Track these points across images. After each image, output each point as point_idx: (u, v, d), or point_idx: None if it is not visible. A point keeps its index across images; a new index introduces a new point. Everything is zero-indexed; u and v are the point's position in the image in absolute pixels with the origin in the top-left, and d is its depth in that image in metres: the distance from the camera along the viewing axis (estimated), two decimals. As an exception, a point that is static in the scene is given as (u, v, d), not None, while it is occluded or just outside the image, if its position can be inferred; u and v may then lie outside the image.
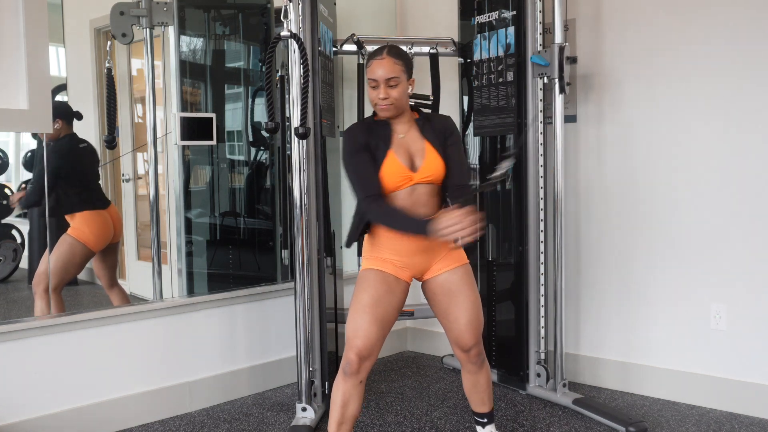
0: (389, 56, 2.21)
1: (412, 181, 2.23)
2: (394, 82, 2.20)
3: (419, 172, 2.23)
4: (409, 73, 2.26)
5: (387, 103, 2.21)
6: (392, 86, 2.20)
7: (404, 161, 2.24)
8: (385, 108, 2.22)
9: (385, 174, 2.23)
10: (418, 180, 2.23)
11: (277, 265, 3.63)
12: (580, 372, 3.47)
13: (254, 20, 3.63)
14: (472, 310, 2.28)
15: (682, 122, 3.11)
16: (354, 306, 2.25)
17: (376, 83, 2.21)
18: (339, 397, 2.21)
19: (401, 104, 2.24)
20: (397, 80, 2.20)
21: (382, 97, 2.21)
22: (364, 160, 2.23)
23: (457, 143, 2.31)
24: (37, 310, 2.94)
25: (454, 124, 2.35)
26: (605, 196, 3.36)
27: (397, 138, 2.27)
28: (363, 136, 2.26)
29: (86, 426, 2.84)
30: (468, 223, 2.00)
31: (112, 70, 3.12)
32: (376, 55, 2.24)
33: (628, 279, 3.30)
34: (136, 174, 3.44)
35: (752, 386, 2.97)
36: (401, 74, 2.21)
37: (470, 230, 2.00)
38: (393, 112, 2.24)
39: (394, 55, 2.22)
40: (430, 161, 2.24)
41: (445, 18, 3.74)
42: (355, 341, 2.19)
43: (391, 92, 2.20)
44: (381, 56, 2.22)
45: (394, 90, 2.20)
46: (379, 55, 2.22)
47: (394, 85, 2.20)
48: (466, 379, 2.42)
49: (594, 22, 3.34)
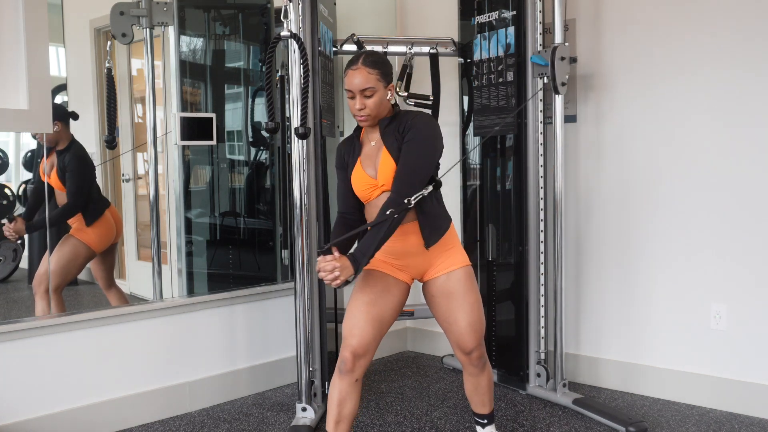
0: (363, 65, 2.16)
1: (378, 188, 2.21)
2: (370, 92, 2.16)
3: (379, 180, 2.21)
4: (387, 79, 2.19)
5: (364, 114, 2.18)
6: (368, 96, 2.16)
7: (370, 170, 2.22)
8: (364, 119, 2.20)
9: (354, 186, 2.26)
10: (381, 188, 2.21)
11: (277, 265, 3.63)
12: (580, 372, 3.47)
13: (254, 20, 3.63)
14: (473, 313, 2.27)
15: (681, 122, 3.11)
16: (350, 305, 2.25)
17: (353, 94, 2.17)
18: (335, 396, 2.22)
19: (380, 112, 2.20)
20: (372, 90, 2.15)
21: (358, 107, 2.17)
22: (340, 178, 2.32)
23: (412, 140, 2.14)
24: (38, 310, 2.94)
25: (424, 119, 2.19)
26: (605, 195, 3.36)
27: (368, 147, 2.26)
28: (344, 149, 2.31)
29: (86, 426, 2.84)
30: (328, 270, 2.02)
31: (112, 70, 3.12)
32: (351, 64, 2.19)
33: (628, 279, 3.30)
34: (136, 174, 3.44)
35: (752, 386, 2.97)
36: (376, 83, 2.16)
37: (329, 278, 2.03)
38: (372, 121, 2.21)
39: (369, 64, 2.16)
40: (383, 167, 2.19)
41: (445, 18, 3.74)
42: (350, 340, 2.20)
43: (367, 102, 2.17)
44: (355, 66, 2.17)
45: (370, 100, 2.16)
46: (354, 65, 2.17)
47: (370, 95, 2.16)
48: (467, 381, 2.41)
49: (594, 22, 3.34)
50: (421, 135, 2.15)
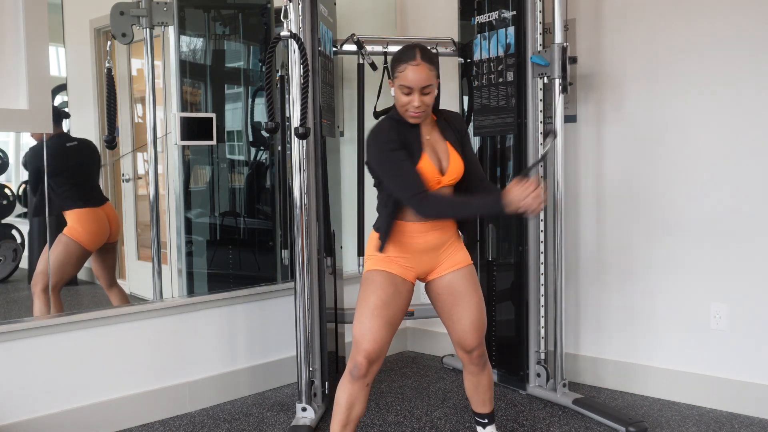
0: (424, 61, 2.10)
1: (440, 183, 2.21)
2: (429, 89, 2.12)
3: (447, 175, 2.22)
4: (438, 76, 2.18)
5: (420, 111, 2.14)
6: (426, 93, 2.12)
7: (435, 164, 2.21)
8: (418, 115, 2.15)
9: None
10: (445, 183, 2.22)
11: (277, 265, 3.63)
12: (580, 372, 3.47)
13: (254, 20, 3.63)
14: (476, 312, 2.27)
15: (682, 121, 3.11)
16: (361, 308, 2.20)
17: (410, 90, 2.11)
18: (345, 399, 2.19)
19: (431, 109, 2.21)
20: (431, 87, 2.12)
21: (416, 105, 2.12)
22: (403, 158, 2.14)
23: (470, 141, 2.35)
24: (36, 310, 2.93)
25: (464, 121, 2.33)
26: (605, 195, 3.36)
27: (425, 140, 2.23)
28: (396, 135, 2.17)
29: (86, 426, 2.84)
30: (538, 192, 2.02)
31: (112, 70, 3.12)
32: (409, 58, 2.10)
33: (627, 279, 3.30)
34: (136, 174, 3.44)
35: (752, 386, 2.97)
36: (435, 80, 2.13)
37: (544, 197, 2.03)
38: (424, 118, 2.19)
39: (428, 60, 2.11)
40: (454, 163, 2.23)
41: (445, 18, 3.74)
42: (364, 344, 2.16)
43: (425, 99, 2.13)
44: (416, 61, 2.09)
45: (428, 97, 2.13)
46: (413, 60, 2.09)
47: (429, 93, 2.12)
48: (468, 380, 2.42)
49: (594, 22, 3.34)
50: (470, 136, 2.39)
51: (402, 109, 2.17)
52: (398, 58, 2.15)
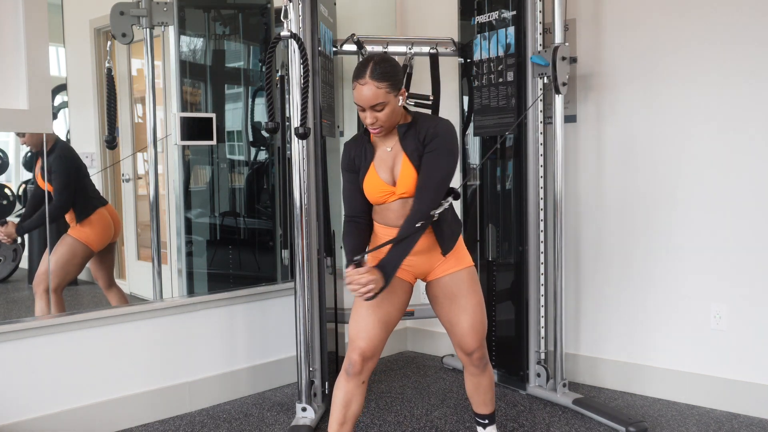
0: (371, 79, 2.07)
1: (394, 194, 2.20)
2: (380, 106, 2.10)
3: (398, 187, 2.19)
4: (397, 87, 2.11)
5: (376, 126, 2.14)
6: (378, 110, 2.11)
7: (385, 176, 2.20)
8: (377, 131, 2.16)
9: (366, 190, 2.23)
10: (400, 194, 2.19)
11: (277, 265, 3.63)
12: (580, 372, 3.47)
13: (254, 20, 3.63)
14: (475, 314, 2.27)
15: (681, 121, 3.11)
16: (357, 307, 2.23)
17: (362, 108, 2.12)
18: (341, 397, 2.20)
19: (393, 122, 2.16)
20: (383, 104, 2.09)
21: (369, 122, 2.13)
22: (348, 180, 2.27)
23: (437, 149, 2.12)
24: (38, 310, 2.93)
25: (446, 127, 2.16)
26: (605, 195, 3.36)
27: (382, 152, 2.22)
28: (353, 153, 2.25)
29: (86, 426, 2.84)
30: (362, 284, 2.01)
31: (112, 70, 3.12)
32: (358, 76, 2.10)
33: (628, 279, 3.30)
34: (136, 174, 3.44)
35: (752, 386, 2.97)
36: (386, 96, 2.09)
37: (362, 291, 2.02)
38: (385, 132, 2.18)
39: (377, 77, 2.07)
40: (404, 175, 2.17)
41: (445, 18, 3.74)
42: (359, 342, 2.18)
43: (378, 116, 2.12)
44: (362, 79, 2.08)
45: (381, 113, 2.11)
46: (361, 78, 2.09)
47: (381, 109, 2.11)
48: (468, 381, 2.42)
49: (594, 22, 3.34)
50: (445, 146, 2.14)
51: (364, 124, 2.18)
52: (354, 74, 2.14)
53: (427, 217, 2.12)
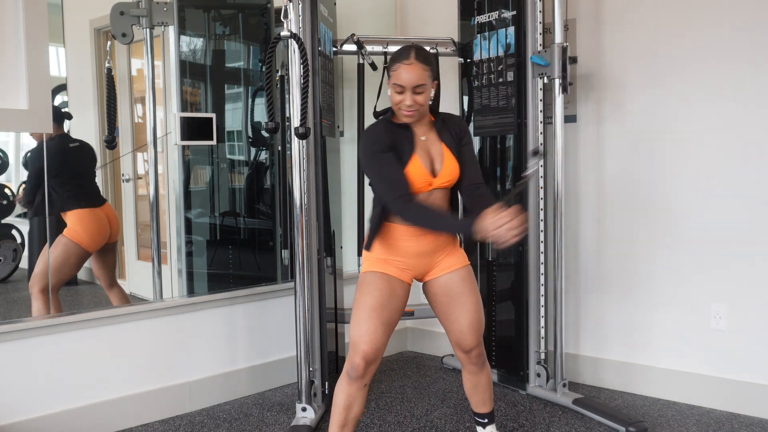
0: (417, 61, 2.11)
1: (431, 185, 2.21)
2: (421, 89, 2.13)
3: (439, 177, 2.22)
4: (434, 76, 2.18)
5: (413, 110, 2.15)
6: (419, 93, 2.13)
7: (426, 166, 2.21)
8: (411, 114, 2.16)
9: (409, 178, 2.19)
10: (437, 185, 2.22)
11: (277, 265, 3.63)
12: (580, 372, 3.47)
13: (254, 20, 3.63)
14: (474, 312, 2.27)
15: (682, 121, 3.11)
16: (358, 309, 2.21)
17: (402, 89, 2.12)
18: (342, 400, 2.20)
19: (425, 109, 2.20)
20: (424, 87, 2.13)
21: (408, 104, 2.13)
22: (391, 160, 2.16)
23: (470, 143, 2.31)
24: (35, 310, 2.93)
25: (466, 124, 2.32)
26: (605, 195, 3.36)
27: (419, 141, 2.23)
28: (387, 136, 2.19)
29: (86, 426, 2.84)
30: (517, 222, 1.94)
31: (112, 70, 3.12)
32: (403, 58, 2.13)
33: (628, 279, 3.30)
34: (136, 174, 3.44)
35: (752, 386, 2.97)
36: (428, 80, 2.14)
37: (519, 230, 1.94)
38: (417, 117, 2.19)
39: (422, 60, 2.13)
40: (448, 166, 2.22)
41: (445, 18, 3.74)
42: (361, 345, 2.17)
43: (417, 99, 2.14)
44: (408, 60, 2.12)
45: (420, 96, 2.14)
46: (407, 59, 2.12)
47: (421, 92, 2.13)
48: (466, 379, 2.42)
49: (594, 22, 3.34)
50: (472, 139, 2.35)
51: (396, 108, 2.19)
52: (394, 57, 2.18)
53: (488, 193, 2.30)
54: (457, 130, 2.28)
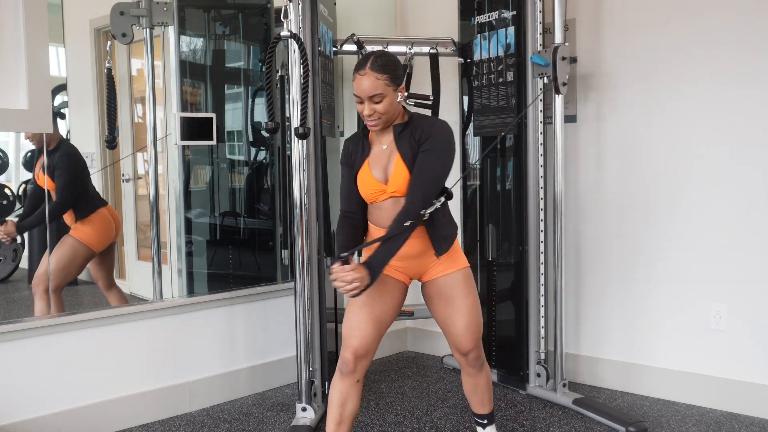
0: (371, 70, 2.10)
1: (385, 193, 2.20)
2: (379, 98, 2.11)
3: (389, 186, 2.19)
4: (396, 82, 2.13)
5: (373, 119, 2.15)
6: (377, 102, 2.12)
7: (378, 174, 2.20)
8: (373, 124, 2.16)
9: (359, 186, 2.24)
10: (392, 193, 2.19)
11: (277, 265, 3.63)
12: (580, 372, 3.47)
13: (254, 20, 3.63)
14: (470, 315, 2.27)
15: (682, 122, 3.11)
16: (350, 306, 2.24)
17: (361, 99, 2.13)
18: (336, 397, 2.21)
19: (390, 116, 2.17)
20: (381, 96, 2.10)
21: (367, 113, 2.14)
22: (345, 175, 2.29)
23: (430, 149, 2.13)
24: (37, 310, 2.93)
25: (441, 128, 2.17)
26: (605, 195, 3.36)
27: (378, 150, 2.23)
28: (351, 148, 2.28)
29: (86, 426, 2.84)
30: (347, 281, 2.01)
31: (112, 70, 3.12)
32: (359, 68, 2.13)
33: (628, 279, 3.30)
34: (136, 174, 3.44)
35: (752, 386, 2.97)
36: (385, 88, 2.10)
37: (347, 288, 2.03)
38: (383, 125, 2.18)
39: (377, 69, 2.10)
40: (396, 174, 2.17)
41: (445, 18, 3.74)
42: (351, 341, 2.19)
43: (376, 108, 2.12)
44: (363, 71, 2.11)
45: (379, 105, 2.12)
46: (362, 69, 2.11)
47: (379, 101, 2.11)
48: (465, 381, 2.42)
49: (594, 22, 3.34)
50: (440, 147, 2.14)
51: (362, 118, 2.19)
52: (355, 65, 2.16)
53: (417, 216, 2.11)
54: (420, 134, 2.15)
